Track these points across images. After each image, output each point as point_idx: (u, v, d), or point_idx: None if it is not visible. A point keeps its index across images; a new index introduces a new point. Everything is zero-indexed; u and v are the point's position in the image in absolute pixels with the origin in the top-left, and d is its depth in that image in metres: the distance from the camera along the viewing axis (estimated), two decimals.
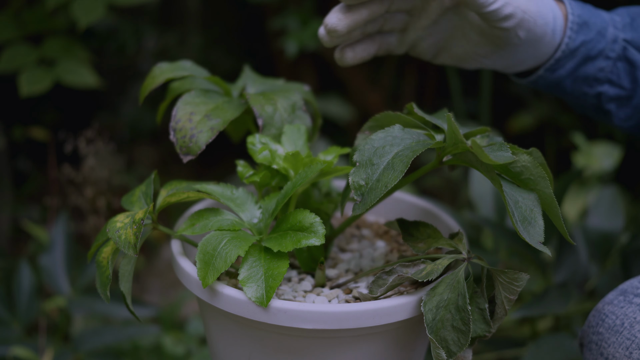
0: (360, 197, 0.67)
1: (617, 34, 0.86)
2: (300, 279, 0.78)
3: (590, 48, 0.85)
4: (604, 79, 0.87)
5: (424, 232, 0.76)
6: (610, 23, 0.86)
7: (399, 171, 0.67)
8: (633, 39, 0.86)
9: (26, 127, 1.75)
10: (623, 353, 0.71)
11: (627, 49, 0.86)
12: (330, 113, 1.85)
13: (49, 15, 1.38)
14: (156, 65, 0.84)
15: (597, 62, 0.86)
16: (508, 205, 0.67)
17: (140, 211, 0.72)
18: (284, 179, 0.78)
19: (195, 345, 1.31)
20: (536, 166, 0.69)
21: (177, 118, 0.77)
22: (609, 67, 0.86)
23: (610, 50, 0.85)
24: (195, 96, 0.80)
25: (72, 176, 1.35)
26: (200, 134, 0.76)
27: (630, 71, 0.86)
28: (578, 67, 0.86)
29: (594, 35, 0.84)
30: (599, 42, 0.85)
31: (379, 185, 0.67)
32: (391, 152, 0.69)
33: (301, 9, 1.65)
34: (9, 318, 1.20)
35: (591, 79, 0.87)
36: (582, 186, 1.49)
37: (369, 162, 0.68)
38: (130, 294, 0.75)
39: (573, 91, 0.88)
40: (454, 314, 0.68)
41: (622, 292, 0.75)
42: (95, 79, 1.34)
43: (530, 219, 0.68)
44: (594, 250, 1.16)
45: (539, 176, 0.69)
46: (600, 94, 0.88)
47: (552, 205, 0.69)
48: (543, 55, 0.84)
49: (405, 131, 0.71)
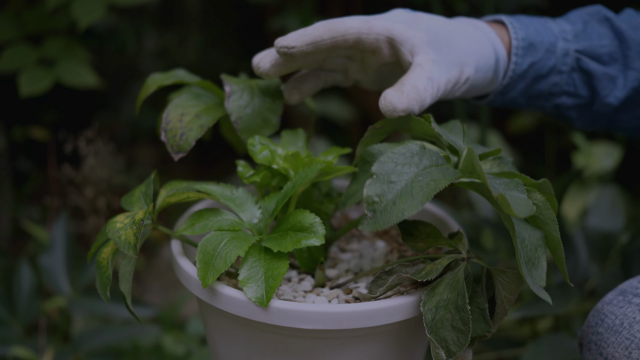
0: (371, 214, 0.65)
1: (568, 47, 0.84)
2: (300, 279, 0.78)
3: (540, 67, 0.83)
4: (560, 92, 0.86)
5: (423, 231, 0.76)
6: (559, 36, 0.84)
7: (418, 201, 0.64)
8: (585, 48, 0.84)
9: (26, 127, 1.75)
10: (622, 353, 0.71)
11: (581, 60, 0.84)
12: (330, 113, 1.85)
13: (49, 15, 1.38)
14: (149, 76, 0.86)
15: (550, 79, 0.84)
16: (516, 244, 0.66)
17: (140, 211, 0.72)
18: (284, 179, 0.78)
19: (195, 345, 1.31)
20: (547, 207, 0.68)
21: (168, 119, 0.79)
22: (564, 81, 0.85)
23: (563, 65, 0.84)
24: (186, 99, 0.81)
25: (72, 176, 1.35)
26: (190, 132, 0.78)
27: (586, 80, 0.85)
28: (530, 87, 0.84)
29: (542, 55, 0.83)
30: (548, 59, 0.83)
31: (395, 209, 0.64)
32: (409, 172, 0.66)
33: (301, 9, 1.65)
34: (9, 318, 1.20)
35: (546, 94, 0.86)
36: (582, 186, 1.49)
37: (387, 179, 0.65)
38: (130, 294, 0.75)
39: (529, 106, 0.87)
40: (454, 313, 0.68)
41: (621, 292, 0.75)
42: (95, 79, 1.34)
43: (534, 260, 0.67)
44: (594, 250, 1.16)
45: (548, 218, 0.68)
46: (557, 105, 0.87)
47: (558, 249, 0.69)
48: (489, 89, 0.83)
49: (425, 151, 0.68)
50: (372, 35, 0.75)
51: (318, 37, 0.74)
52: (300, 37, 0.74)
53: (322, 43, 0.75)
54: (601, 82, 0.85)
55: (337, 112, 1.85)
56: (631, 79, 0.85)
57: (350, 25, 0.75)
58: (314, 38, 0.74)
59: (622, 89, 0.86)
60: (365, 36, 0.75)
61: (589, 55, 0.84)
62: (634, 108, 0.87)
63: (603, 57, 0.85)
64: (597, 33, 0.85)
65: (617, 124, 0.90)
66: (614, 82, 0.85)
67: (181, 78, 0.85)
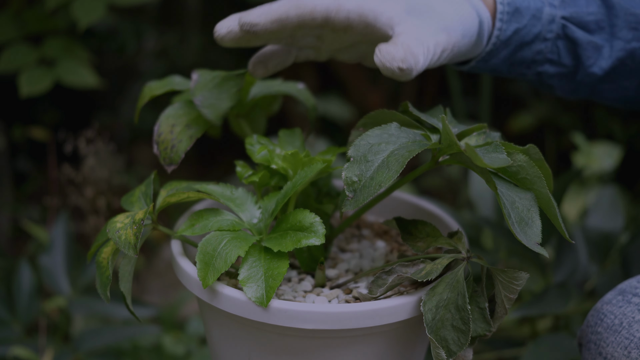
0: (352, 194, 0.66)
1: (555, 13, 0.80)
2: (300, 279, 0.78)
3: (525, 34, 0.79)
4: (543, 60, 0.82)
5: (423, 230, 0.76)
6: (546, 1, 0.80)
7: (394, 171, 0.66)
8: (572, 15, 0.81)
9: (26, 127, 1.75)
10: (622, 352, 0.71)
11: (567, 27, 0.81)
12: (330, 113, 1.85)
13: (49, 15, 1.38)
14: (146, 84, 0.86)
15: (534, 46, 0.81)
16: (503, 207, 0.66)
17: (140, 211, 0.72)
18: (283, 179, 0.78)
19: (195, 345, 1.31)
20: (532, 166, 0.68)
21: (160, 131, 0.80)
22: (548, 48, 0.81)
23: (548, 32, 0.80)
24: (178, 108, 0.82)
25: (72, 176, 1.34)
26: (180, 144, 0.78)
27: (571, 48, 0.82)
28: (513, 54, 0.81)
29: (527, 21, 0.79)
30: (534, 26, 0.79)
31: (373, 183, 0.66)
32: (386, 150, 0.67)
33: None
34: (9, 318, 1.20)
35: (529, 62, 0.82)
36: (582, 186, 1.49)
37: (364, 159, 0.67)
38: (130, 294, 0.75)
39: (510, 73, 0.84)
40: (454, 313, 0.68)
41: (620, 292, 0.75)
42: (95, 79, 1.34)
43: (527, 220, 0.67)
44: (594, 250, 1.16)
45: (535, 176, 0.68)
46: (539, 73, 0.83)
47: (550, 205, 0.69)
48: (473, 54, 0.80)
49: (401, 130, 0.70)
50: (342, 14, 0.71)
51: (284, 14, 0.71)
52: (264, 14, 0.71)
53: (288, 21, 0.71)
54: (586, 50, 0.82)
55: (336, 112, 1.85)
56: (617, 49, 0.82)
57: (319, 2, 0.71)
58: (280, 14, 0.71)
59: (608, 58, 0.82)
60: (334, 14, 0.71)
61: (575, 22, 0.81)
62: (618, 78, 0.84)
63: (590, 24, 0.81)
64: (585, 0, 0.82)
65: (599, 94, 0.87)
66: (599, 51, 0.82)
67: (175, 86, 0.86)
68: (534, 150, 0.70)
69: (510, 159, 0.66)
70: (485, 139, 0.75)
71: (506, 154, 0.67)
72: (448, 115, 0.77)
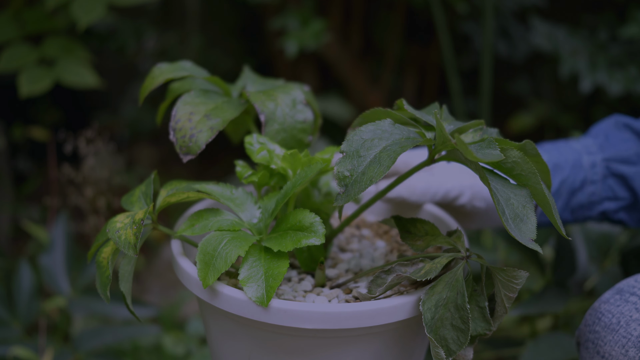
0: (344, 188, 0.66)
1: (594, 159, 0.90)
2: (300, 278, 0.78)
3: (571, 182, 0.89)
4: (600, 200, 0.90)
5: (422, 228, 0.76)
6: (583, 151, 0.90)
7: (385, 166, 0.66)
8: (612, 155, 0.89)
9: (26, 127, 1.75)
10: (619, 351, 0.71)
11: (610, 166, 0.89)
12: (330, 113, 1.85)
13: (49, 15, 1.38)
14: (156, 65, 0.84)
15: (585, 190, 0.89)
16: (497, 203, 0.66)
17: (140, 211, 0.72)
18: (282, 179, 0.78)
19: (195, 345, 1.31)
20: (526, 162, 0.68)
21: (177, 118, 0.77)
22: (599, 188, 0.90)
23: (593, 174, 0.89)
24: (194, 96, 0.80)
25: (72, 176, 1.35)
26: (200, 134, 0.76)
27: (622, 182, 0.90)
28: (569, 202, 0.89)
29: (569, 171, 0.88)
30: (577, 174, 0.89)
31: (364, 178, 0.66)
32: (379, 145, 0.67)
33: (301, 9, 1.65)
34: (9, 318, 1.20)
35: (587, 204, 0.90)
36: None
37: (356, 154, 0.67)
38: (130, 294, 0.75)
39: (576, 219, 0.92)
40: (453, 312, 0.68)
41: (618, 291, 0.75)
42: (95, 79, 1.34)
43: (522, 216, 0.67)
44: (593, 250, 1.16)
45: (529, 172, 0.68)
46: (603, 212, 0.91)
47: (545, 201, 0.68)
48: None
49: (395, 126, 0.70)
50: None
51: None
52: None
53: None
54: (636, 180, 0.89)
55: (336, 112, 1.86)
56: None
57: None
58: None
59: None
60: None
61: (617, 160, 0.89)
62: None
63: (631, 158, 0.89)
64: (620, 139, 0.90)
65: None
66: None
67: (189, 71, 0.84)
68: (531, 146, 0.70)
69: (503, 155, 0.66)
70: (482, 136, 0.74)
71: (499, 149, 0.67)
72: (445, 112, 0.78)
